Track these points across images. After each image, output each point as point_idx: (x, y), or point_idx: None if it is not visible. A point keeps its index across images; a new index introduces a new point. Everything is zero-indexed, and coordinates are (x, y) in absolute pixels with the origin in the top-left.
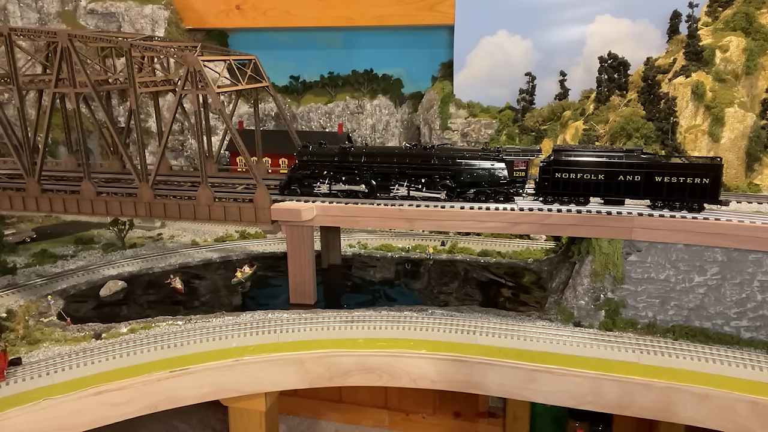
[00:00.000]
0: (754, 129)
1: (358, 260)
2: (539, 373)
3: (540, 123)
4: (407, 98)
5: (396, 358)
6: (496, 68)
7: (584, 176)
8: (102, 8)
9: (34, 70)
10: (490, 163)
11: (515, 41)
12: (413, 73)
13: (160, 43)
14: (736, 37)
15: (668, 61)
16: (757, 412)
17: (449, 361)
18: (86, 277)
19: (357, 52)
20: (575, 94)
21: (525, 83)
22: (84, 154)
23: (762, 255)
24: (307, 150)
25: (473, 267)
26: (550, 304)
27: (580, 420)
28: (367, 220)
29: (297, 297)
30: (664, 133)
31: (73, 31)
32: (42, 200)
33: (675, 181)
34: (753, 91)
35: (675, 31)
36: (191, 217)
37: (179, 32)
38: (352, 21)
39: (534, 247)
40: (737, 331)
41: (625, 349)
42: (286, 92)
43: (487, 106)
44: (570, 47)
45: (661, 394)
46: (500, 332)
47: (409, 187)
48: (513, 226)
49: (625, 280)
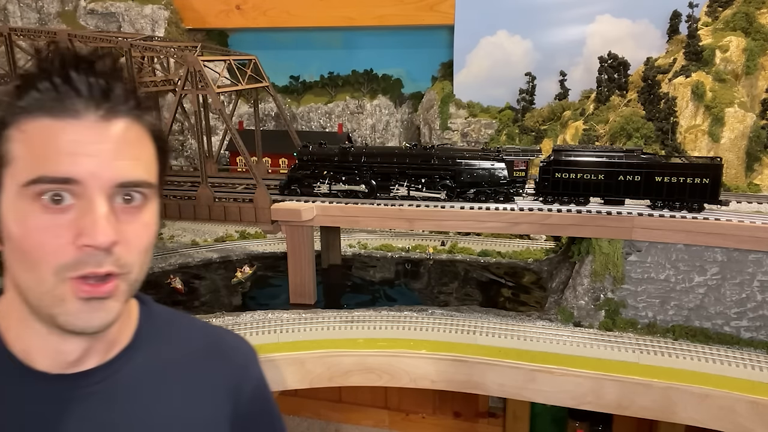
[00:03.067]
0: (754, 129)
1: (358, 260)
2: (539, 373)
3: (540, 123)
4: (407, 98)
5: (396, 358)
6: (496, 68)
7: (584, 176)
8: (102, 8)
9: None
10: (490, 163)
11: (515, 41)
12: (413, 73)
13: (160, 43)
14: (736, 37)
15: (668, 61)
16: (757, 412)
17: (449, 361)
18: None
19: (357, 52)
20: (575, 94)
21: (525, 83)
22: None
23: (762, 255)
24: (307, 150)
25: (473, 267)
26: (550, 304)
27: (580, 420)
28: (367, 220)
29: (297, 297)
30: (664, 133)
31: (73, 31)
32: None
33: (675, 181)
34: (753, 91)
35: (675, 31)
36: (191, 217)
37: (179, 32)
38: (352, 21)
39: (534, 247)
40: (737, 331)
41: (625, 349)
42: (286, 92)
43: (487, 106)
44: (570, 47)
45: (661, 394)
46: (500, 332)
47: (409, 187)
48: (513, 226)
49: (625, 280)
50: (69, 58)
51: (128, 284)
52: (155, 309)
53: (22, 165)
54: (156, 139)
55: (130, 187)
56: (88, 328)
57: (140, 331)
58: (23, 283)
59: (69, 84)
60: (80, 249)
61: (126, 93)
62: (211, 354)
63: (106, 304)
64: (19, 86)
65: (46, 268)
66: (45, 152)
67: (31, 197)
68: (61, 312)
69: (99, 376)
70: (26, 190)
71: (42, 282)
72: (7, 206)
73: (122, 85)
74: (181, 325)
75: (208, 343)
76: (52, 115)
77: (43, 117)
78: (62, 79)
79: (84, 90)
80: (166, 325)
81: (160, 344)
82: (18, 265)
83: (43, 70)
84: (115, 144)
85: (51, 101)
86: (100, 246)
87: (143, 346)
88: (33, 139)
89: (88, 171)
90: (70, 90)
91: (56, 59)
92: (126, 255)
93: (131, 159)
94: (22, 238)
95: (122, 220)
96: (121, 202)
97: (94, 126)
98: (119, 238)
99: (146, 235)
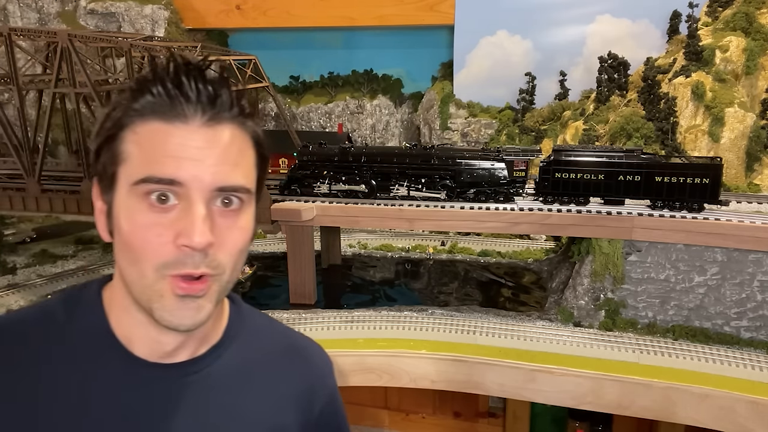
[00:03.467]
0: (754, 129)
1: (358, 260)
2: (539, 373)
3: (540, 123)
4: (407, 98)
5: (396, 358)
6: (496, 68)
7: (584, 176)
8: (102, 8)
9: (34, 70)
10: (490, 163)
11: (515, 41)
12: (413, 73)
13: (160, 43)
14: (736, 37)
15: (668, 61)
16: (757, 412)
17: (449, 361)
18: (86, 277)
19: (357, 52)
20: (575, 94)
21: (525, 83)
22: (84, 154)
23: (762, 255)
24: (307, 150)
25: (473, 267)
26: (550, 304)
27: (580, 420)
28: (367, 220)
29: (297, 297)
30: (664, 133)
31: (73, 31)
32: (42, 200)
33: (675, 181)
34: (753, 91)
35: (675, 31)
36: None
37: (179, 32)
38: (352, 21)
39: (534, 247)
40: (737, 331)
41: (625, 349)
42: (286, 92)
43: (487, 106)
44: (570, 47)
45: (661, 394)
46: (500, 332)
47: (409, 187)
48: (513, 226)
49: (625, 280)
50: (182, 66)
51: (220, 285)
52: (244, 309)
53: (134, 164)
54: (257, 146)
55: (229, 192)
56: (181, 326)
57: (229, 330)
58: (128, 275)
59: (180, 89)
60: (179, 248)
61: (231, 100)
62: (291, 358)
63: (198, 303)
64: (134, 90)
65: (148, 264)
66: (154, 153)
67: (140, 195)
68: (158, 307)
69: (190, 370)
70: (135, 189)
71: (144, 276)
72: (119, 202)
73: (228, 92)
74: (265, 326)
75: (288, 347)
76: (162, 118)
77: (154, 120)
78: (174, 84)
79: (193, 96)
80: (253, 326)
81: (246, 344)
82: (124, 257)
83: (158, 76)
84: (218, 149)
85: (163, 105)
86: (197, 247)
87: (231, 345)
88: (144, 140)
89: (191, 174)
90: (180, 95)
91: (170, 66)
92: (220, 257)
93: (232, 164)
94: (130, 233)
95: (219, 223)
96: (219, 205)
97: (199, 131)
98: (215, 240)
99: (241, 239)
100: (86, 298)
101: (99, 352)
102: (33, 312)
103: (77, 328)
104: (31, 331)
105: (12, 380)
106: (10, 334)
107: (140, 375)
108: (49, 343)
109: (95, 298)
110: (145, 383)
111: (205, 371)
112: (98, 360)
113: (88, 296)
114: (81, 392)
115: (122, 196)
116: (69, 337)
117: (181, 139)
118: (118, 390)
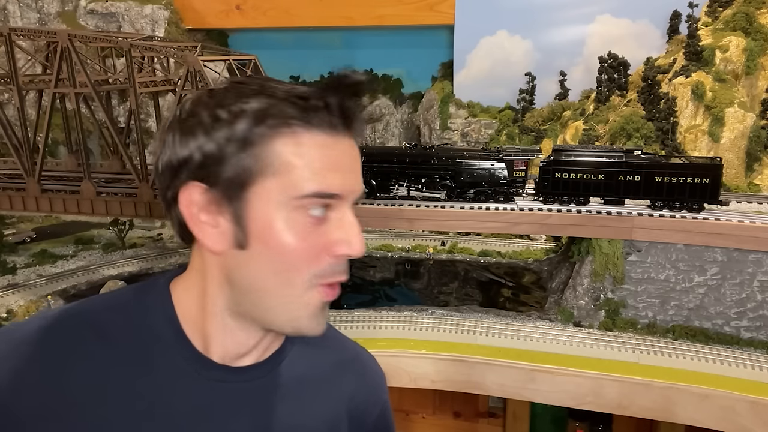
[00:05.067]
0: (754, 129)
1: (358, 260)
2: (539, 373)
3: (540, 123)
4: (407, 98)
5: (396, 358)
6: (496, 68)
7: (584, 176)
8: (102, 8)
9: (34, 70)
10: (490, 163)
11: (515, 41)
12: (413, 73)
13: (160, 43)
14: (736, 37)
15: (668, 61)
16: (757, 412)
17: (449, 361)
18: (86, 277)
19: (357, 52)
20: (575, 94)
21: (525, 83)
22: (84, 154)
23: (762, 255)
24: None
25: (473, 267)
26: (550, 304)
27: (580, 420)
28: (367, 220)
29: None
30: (664, 133)
31: (73, 31)
32: (42, 200)
33: (675, 181)
34: (753, 91)
35: (675, 31)
36: None
37: (179, 32)
38: (352, 21)
39: (534, 247)
40: (737, 331)
41: (625, 349)
42: None
43: (487, 106)
44: (570, 47)
45: (661, 394)
46: (500, 332)
47: (409, 187)
48: (513, 226)
49: (625, 280)
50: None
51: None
52: None
53: (297, 177)
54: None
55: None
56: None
57: (288, 336)
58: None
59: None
60: (336, 258)
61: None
62: (346, 368)
63: (326, 310)
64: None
65: (300, 276)
66: (321, 167)
67: (301, 208)
68: (303, 315)
69: (256, 374)
70: (299, 202)
71: (292, 286)
72: (269, 213)
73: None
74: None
75: (344, 356)
76: (325, 132)
77: (319, 132)
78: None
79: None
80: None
81: (303, 351)
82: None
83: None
84: (359, 160)
85: (332, 119)
86: (358, 255)
87: (291, 351)
88: (309, 152)
89: (350, 187)
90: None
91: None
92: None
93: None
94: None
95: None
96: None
97: (347, 141)
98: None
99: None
100: (155, 294)
101: (168, 351)
102: (105, 303)
103: (147, 324)
104: (106, 326)
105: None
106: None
107: (209, 376)
108: (121, 340)
109: (165, 295)
110: (213, 384)
111: (269, 377)
112: (166, 358)
113: (156, 292)
114: (148, 390)
115: (273, 208)
116: (138, 334)
117: (341, 153)
118: (189, 390)
